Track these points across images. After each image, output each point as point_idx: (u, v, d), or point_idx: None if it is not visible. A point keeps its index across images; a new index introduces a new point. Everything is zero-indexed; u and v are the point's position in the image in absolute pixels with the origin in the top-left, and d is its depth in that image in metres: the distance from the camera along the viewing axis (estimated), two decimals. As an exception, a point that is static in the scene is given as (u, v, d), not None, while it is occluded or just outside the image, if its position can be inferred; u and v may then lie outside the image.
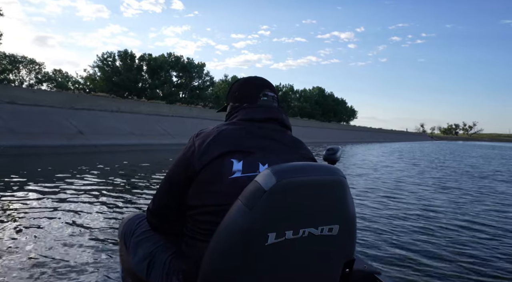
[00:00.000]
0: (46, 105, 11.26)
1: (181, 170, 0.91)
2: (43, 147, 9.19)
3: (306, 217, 0.77)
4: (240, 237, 0.73)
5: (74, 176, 5.40)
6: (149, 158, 9.82)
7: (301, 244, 0.78)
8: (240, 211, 0.74)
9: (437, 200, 4.99)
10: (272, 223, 0.74)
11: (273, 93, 1.09)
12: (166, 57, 38.51)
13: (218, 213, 0.81)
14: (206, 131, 0.95)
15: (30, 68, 36.97)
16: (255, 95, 1.06)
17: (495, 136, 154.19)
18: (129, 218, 1.21)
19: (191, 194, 0.89)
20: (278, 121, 1.02)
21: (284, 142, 0.97)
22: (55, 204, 3.58)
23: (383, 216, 3.81)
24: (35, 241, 2.41)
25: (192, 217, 0.89)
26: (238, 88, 1.10)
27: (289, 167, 0.77)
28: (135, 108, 15.71)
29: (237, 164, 0.87)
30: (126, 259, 1.10)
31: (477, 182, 7.28)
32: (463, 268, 2.42)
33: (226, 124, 0.98)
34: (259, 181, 0.74)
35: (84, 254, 2.24)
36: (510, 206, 4.77)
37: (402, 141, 53.01)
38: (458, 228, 3.46)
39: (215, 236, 0.77)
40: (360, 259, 1.45)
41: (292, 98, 55.48)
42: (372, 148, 23.86)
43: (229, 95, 1.13)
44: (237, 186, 0.82)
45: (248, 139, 0.92)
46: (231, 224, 0.74)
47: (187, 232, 0.92)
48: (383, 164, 10.88)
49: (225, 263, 0.75)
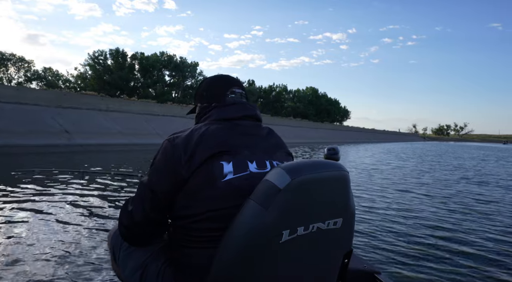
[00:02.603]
0: (30, 104, 10.94)
1: (167, 178, 0.85)
2: (26, 146, 8.91)
3: (316, 212, 0.80)
4: (258, 236, 0.73)
5: (56, 177, 5.18)
6: (137, 157, 9.60)
7: (310, 239, 0.80)
8: (256, 211, 0.74)
9: (437, 200, 4.92)
10: (286, 220, 0.75)
11: (241, 90, 1.07)
12: (158, 56, 38.13)
13: (216, 219, 0.80)
14: (184, 134, 0.89)
15: (19, 66, 36.31)
16: (223, 93, 1.03)
17: (485, 137, 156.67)
18: (115, 230, 1.13)
19: (181, 204, 0.85)
20: (253, 118, 1.00)
21: (263, 137, 0.96)
22: (35, 207, 3.37)
23: (383, 216, 3.74)
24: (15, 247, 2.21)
25: (184, 226, 0.85)
26: (206, 88, 1.08)
27: (300, 164, 0.78)
28: (125, 107, 15.43)
29: (227, 166, 0.84)
30: (117, 272, 1.07)
31: (477, 184, 7.24)
32: (463, 268, 2.40)
33: (204, 125, 0.93)
34: (272, 180, 0.74)
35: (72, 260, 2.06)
36: (510, 206, 4.71)
37: (394, 141, 53.41)
38: (458, 228, 3.42)
39: (228, 238, 0.76)
40: (359, 259, 1.47)
41: (286, 98, 55.49)
42: (364, 149, 23.89)
43: (197, 96, 1.10)
44: (231, 188, 0.81)
45: (231, 138, 0.90)
46: (247, 225, 0.74)
47: (178, 241, 0.88)
48: (383, 168, 10.81)
49: (242, 264, 0.75)
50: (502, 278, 2.29)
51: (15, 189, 4.16)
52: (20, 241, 2.39)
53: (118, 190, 4.50)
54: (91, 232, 2.68)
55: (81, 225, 2.86)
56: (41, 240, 2.42)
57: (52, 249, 2.26)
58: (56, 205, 3.48)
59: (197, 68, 40.25)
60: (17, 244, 2.32)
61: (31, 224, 2.82)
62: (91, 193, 4.17)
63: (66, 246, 2.33)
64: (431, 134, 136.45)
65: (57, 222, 2.91)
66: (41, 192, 4.10)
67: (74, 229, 2.72)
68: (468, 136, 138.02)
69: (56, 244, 2.36)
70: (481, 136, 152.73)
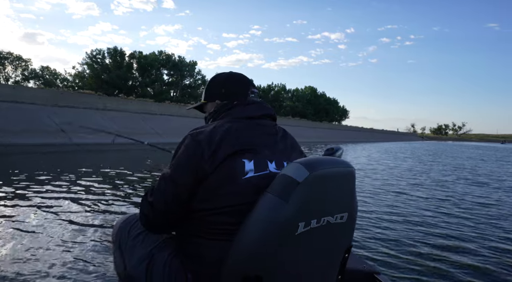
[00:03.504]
0: (26, 102, 10.85)
1: (188, 172, 0.88)
2: (22, 145, 8.83)
3: (327, 206, 0.83)
4: (277, 228, 0.76)
5: (51, 177, 5.11)
6: (134, 157, 9.52)
7: (320, 232, 0.82)
8: (275, 204, 0.76)
9: (436, 200, 4.88)
10: (303, 213, 0.78)
11: (256, 90, 1.12)
12: (157, 55, 37.99)
13: (233, 213, 0.83)
14: (207, 130, 0.92)
15: (16, 65, 36.15)
16: (245, 92, 1.07)
17: (483, 136, 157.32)
18: (122, 221, 1.16)
19: (200, 197, 0.87)
20: (271, 117, 1.04)
21: (280, 138, 1.00)
22: (32, 205, 3.30)
23: (382, 215, 3.70)
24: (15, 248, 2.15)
25: (201, 218, 0.88)
26: (223, 85, 1.09)
27: (315, 160, 0.83)
28: (122, 106, 15.34)
29: (249, 164, 0.88)
30: (121, 264, 1.06)
31: (477, 184, 7.21)
32: (463, 268, 2.39)
33: (226, 122, 0.95)
34: (290, 174, 0.78)
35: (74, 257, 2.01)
36: (509, 206, 4.68)
37: (392, 141, 53.48)
38: (457, 228, 3.41)
39: (246, 230, 0.78)
40: (359, 259, 1.48)
41: (285, 97, 55.45)
42: (362, 149, 23.89)
43: (211, 92, 1.11)
44: (251, 186, 0.85)
45: (253, 137, 0.93)
46: (266, 217, 0.76)
47: (192, 232, 0.90)
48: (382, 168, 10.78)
49: (259, 255, 0.77)
50: (502, 278, 2.28)
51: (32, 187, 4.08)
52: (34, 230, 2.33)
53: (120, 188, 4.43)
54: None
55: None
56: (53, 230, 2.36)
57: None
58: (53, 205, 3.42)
59: (195, 68, 40.17)
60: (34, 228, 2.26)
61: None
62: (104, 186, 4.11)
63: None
64: (429, 134, 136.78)
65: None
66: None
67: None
68: (466, 136, 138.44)
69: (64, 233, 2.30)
70: (479, 136, 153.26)
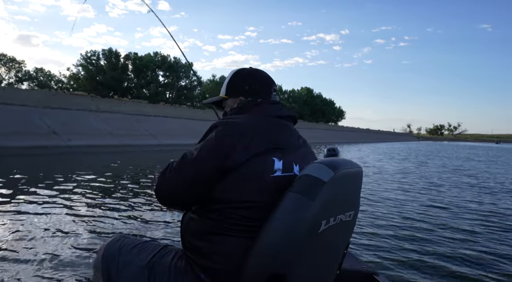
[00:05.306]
0: (17, 104, 10.67)
1: (214, 159, 0.86)
2: (11, 148, 8.66)
3: (343, 204, 0.87)
4: (305, 226, 0.77)
5: (39, 180, 4.98)
6: (128, 159, 9.40)
7: (333, 229, 0.84)
8: (303, 202, 0.77)
9: (436, 200, 4.87)
10: (326, 211, 0.80)
11: (277, 89, 1.11)
12: (152, 56, 37.76)
13: (253, 209, 0.84)
14: (237, 122, 0.91)
15: (10, 67, 35.80)
16: (269, 90, 1.05)
17: (478, 136, 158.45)
18: (106, 244, 1.06)
19: (223, 187, 0.86)
20: (292, 119, 1.04)
21: (302, 143, 1.02)
22: (20, 211, 3.19)
23: (381, 215, 3.71)
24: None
25: (218, 210, 0.86)
26: (247, 82, 1.06)
27: (335, 160, 0.85)
28: (116, 108, 15.16)
29: (278, 163, 0.88)
30: None
31: (477, 184, 7.17)
32: (463, 268, 2.39)
33: (256, 118, 0.95)
34: (314, 174, 0.79)
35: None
36: (509, 209, 4.63)
37: (389, 141, 53.61)
38: (457, 227, 3.41)
39: (271, 229, 0.78)
40: (358, 260, 1.49)
41: (281, 98, 55.03)
42: (357, 150, 23.87)
43: (234, 88, 1.07)
44: (276, 185, 0.85)
45: (283, 137, 0.94)
46: (292, 215, 0.77)
47: (209, 228, 0.87)
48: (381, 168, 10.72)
49: (284, 252, 0.77)
50: (501, 278, 2.27)
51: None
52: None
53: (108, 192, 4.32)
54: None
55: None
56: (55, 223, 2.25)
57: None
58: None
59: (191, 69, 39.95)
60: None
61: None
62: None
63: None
64: (425, 134, 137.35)
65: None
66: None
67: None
68: (462, 136, 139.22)
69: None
70: (474, 136, 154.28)
